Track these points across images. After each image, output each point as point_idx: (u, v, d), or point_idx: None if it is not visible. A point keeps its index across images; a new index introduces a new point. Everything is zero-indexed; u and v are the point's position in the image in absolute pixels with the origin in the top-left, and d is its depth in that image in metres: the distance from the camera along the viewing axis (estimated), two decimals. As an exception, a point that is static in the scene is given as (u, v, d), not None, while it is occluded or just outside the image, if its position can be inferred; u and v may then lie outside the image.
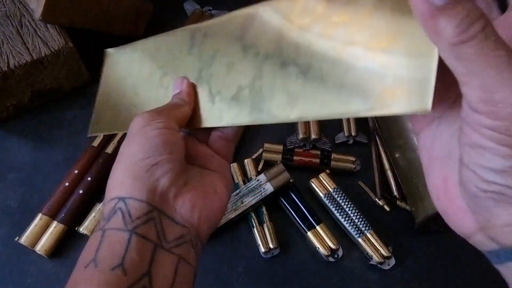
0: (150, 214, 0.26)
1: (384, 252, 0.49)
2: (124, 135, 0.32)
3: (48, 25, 0.59)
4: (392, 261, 0.50)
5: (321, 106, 0.24)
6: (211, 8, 0.72)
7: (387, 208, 0.54)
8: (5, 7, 0.61)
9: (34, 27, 0.59)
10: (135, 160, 0.27)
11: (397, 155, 0.54)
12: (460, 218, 0.23)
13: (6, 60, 0.55)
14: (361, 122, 0.60)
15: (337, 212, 0.52)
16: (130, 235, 0.25)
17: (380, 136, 0.58)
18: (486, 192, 0.21)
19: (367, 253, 0.49)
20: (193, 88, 0.33)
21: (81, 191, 0.52)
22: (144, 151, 0.28)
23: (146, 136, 0.28)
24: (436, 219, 0.47)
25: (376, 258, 0.49)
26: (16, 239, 0.50)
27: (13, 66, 0.55)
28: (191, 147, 0.33)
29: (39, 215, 0.51)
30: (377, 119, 0.58)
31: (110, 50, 0.43)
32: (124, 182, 0.27)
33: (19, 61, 0.55)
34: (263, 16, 0.29)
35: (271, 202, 0.53)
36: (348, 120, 0.59)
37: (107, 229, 0.26)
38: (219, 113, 0.31)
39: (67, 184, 0.53)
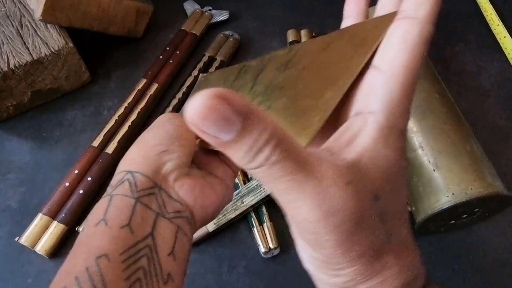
0: (153, 189, 0.29)
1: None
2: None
3: (48, 25, 0.59)
4: (392, 261, 0.50)
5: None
6: (211, 8, 0.72)
7: (387, 208, 0.54)
8: (5, 7, 0.61)
9: (34, 27, 0.59)
10: (149, 144, 0.31)
11: (397, 155, 0.54)
12: None
13: (6, 60, 0.55)
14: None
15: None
16: (135, 202, 0.27)
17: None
18: None
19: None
20: None
21: (81, 191, 0.52)
22: (159, 139, 0.31)
23: (164, 128, 0.32)
24: (436, 219, 0.47)
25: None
26: (16, 239, 0.50)
27: (13, 66, 0.55)
28: (201, 153, 0.35)
29: (39, 215, 0.51)
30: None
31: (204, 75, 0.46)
32: (135, 160, 0.30)
33: (19, 61, 0.55)
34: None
35: (271, 202, 0.53)
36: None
37: (115, 194, 0.28)
38: None
39: (67, 184, 0.53)
